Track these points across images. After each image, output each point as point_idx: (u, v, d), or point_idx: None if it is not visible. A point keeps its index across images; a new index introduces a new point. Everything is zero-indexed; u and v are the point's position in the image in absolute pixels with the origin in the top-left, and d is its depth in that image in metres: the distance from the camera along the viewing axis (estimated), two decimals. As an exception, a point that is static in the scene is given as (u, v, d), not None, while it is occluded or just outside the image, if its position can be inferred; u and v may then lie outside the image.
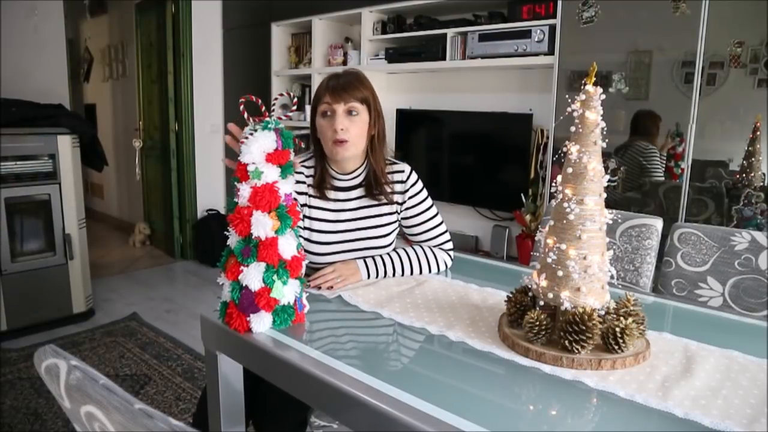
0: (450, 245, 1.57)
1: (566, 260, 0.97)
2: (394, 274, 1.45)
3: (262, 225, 1.05)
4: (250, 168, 1.06)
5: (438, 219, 1.55)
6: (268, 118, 1.08)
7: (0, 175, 2.77)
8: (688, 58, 2.27)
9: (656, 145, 2.42)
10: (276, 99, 1.23)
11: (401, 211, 1.52)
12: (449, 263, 1.54)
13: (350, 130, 1.39)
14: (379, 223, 1.50)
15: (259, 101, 1.10)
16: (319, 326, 1.17)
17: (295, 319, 1.12)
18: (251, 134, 1.06)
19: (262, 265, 1.06)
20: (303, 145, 1.41)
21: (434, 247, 1.54)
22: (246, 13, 4.46)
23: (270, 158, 1.07)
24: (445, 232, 1.56)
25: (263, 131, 1.06)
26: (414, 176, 1.53)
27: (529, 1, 2.80)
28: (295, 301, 1.12)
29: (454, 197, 3.36)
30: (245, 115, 1.11)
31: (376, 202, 1.49)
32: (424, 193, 1.53)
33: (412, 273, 1.47)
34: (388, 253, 1.48)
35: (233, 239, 1.09)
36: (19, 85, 3.25)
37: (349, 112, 1.39)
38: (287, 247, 1.09)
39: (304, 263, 1.16)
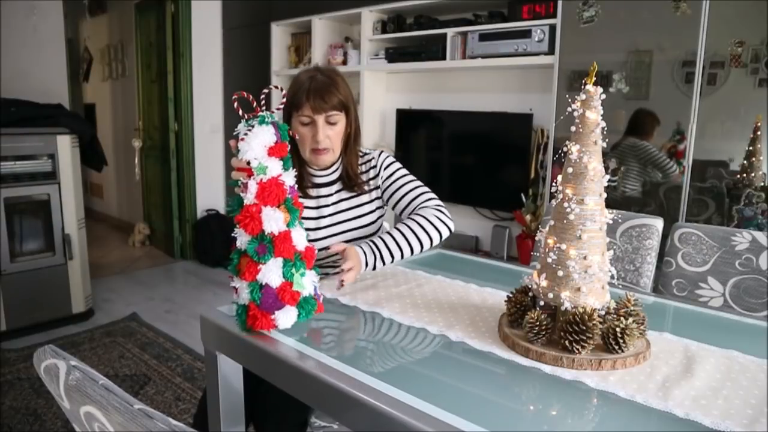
0: (438, 202, 1.48)
1: (566, 260, 0.97)
2: (399, 257, 1.38)
3: (275, 220, 1.04)
4: (254, 164, 1.05)
5: (417, 183, 1.51)
6: (263, 113, 1.08)
7: (-1, 175, 2.77)
8: (689, 57, 2.27)
9: (649, 143, 2.42)
10: (264, 93, 1.21)
11: (383, 192, 1.52)
12: (449, 223, 1.44)
13: (331, 138, 1.42)
14: (360, 213, 1.51)
15: (250, 97, 1.09)
16: (318, 326, 1.17)
17: (317, 309, 1.12)
18: (249, 130, 1.05)
19: (279, 260, 1.05)
20: (297, 137, 1.40)
21: (422, 208, 1.46)
22: (246, 13, 4.46)
23: (272, 152, 1.06)
24: (428, 192, 1.49)
25: (261, 126, 1.06)
26: (383, 155, 1.54)
27: (529, 0, 2.80)
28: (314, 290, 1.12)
29: (454, 197, 3.36)
30: (240, 112, 1.10)
31: (354, 193, 1.51)
32: (397, 164, 1.54)
33: (415, 250, 1.39)
34: (381, 238, 1.39)
35: (243, 240, 1.06)
36: (18, 85, 3.24)
37: (329, 121, 1.40)
38: (299, 238, 1.08)
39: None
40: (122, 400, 0.58)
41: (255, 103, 1.09)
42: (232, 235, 1.09)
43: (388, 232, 1.40)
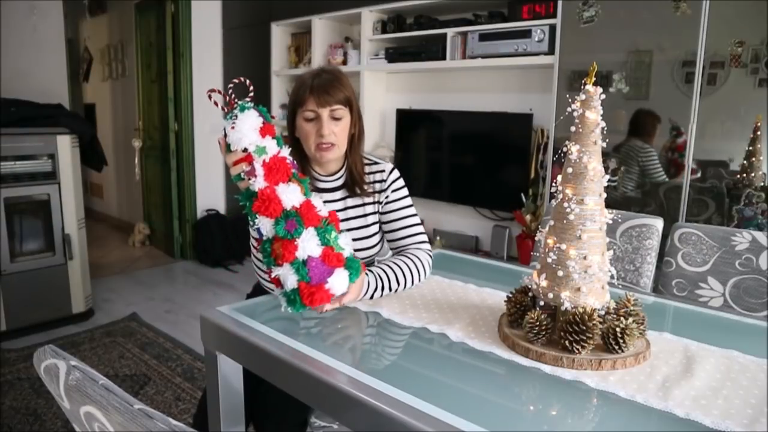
0: (428, 246, 1.47)
1: (566, 260, 0.97)
2: (393, 292, 1.34)
3: (292, 193, 1.04)
4: (252, 148, 1.05)
5: (417, 219, 1.49)
6: (240, 102, 1.08)
7: (-1, 175, 2.77)
8: (689, 57, 2.27)
9: (653, 145, 2.42)
10: (231, 86, 1.14)
11: (382, 213, 1.49)
12: (431, 264, 1.43)
13: (336, 134, 1.39)
14: (365, 223, 1.49)
15: (221, 92, 1.10)
16: (318, 326, 1.17)
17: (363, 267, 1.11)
18: (234, 121, 1.05)
19: (311, 229, 1.04)
20: (275, 118, 1.40)
21: (411, 246, 1.45)
22: (246, 13, 4.46)
23: (263, 132, 1.07)
24: (423, 233, 1.49)
25: (244, 112, 1.06)
26: (395, 174, 1.50)
27: (529, 0, 2.80)
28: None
29: (454, 197, 3.36)
30: (218, 106, 1.11)
31: (360, 201, 1.48)
32: (405, 191, 1.51)
33: (406, 288, 1.35)
34: (385, 272, 1.32)
35: (268, 225, 1.05)
36: (18, 85, 3.24)
37: (334, 117, 1.38)
38: (320, 204, 1.09)
39: None
40: (122, 400, 0.58)
41: (227, 98, 1.10)
42: (255, 228, 1.08)
43: (390, 267, 1.31)
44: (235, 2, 4.43)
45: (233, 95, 1.10)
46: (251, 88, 1.12)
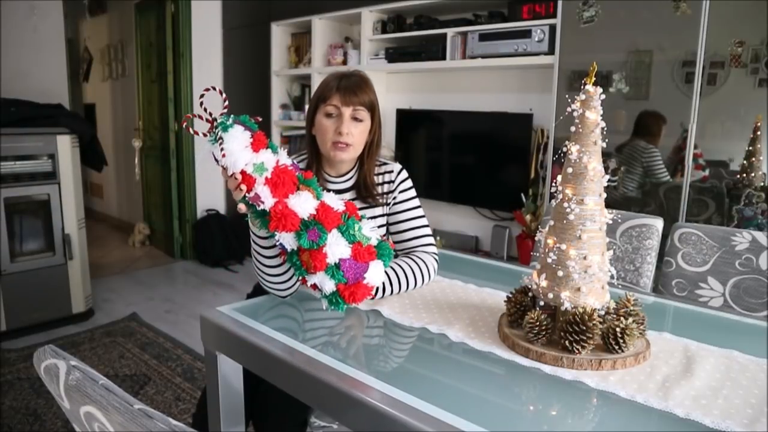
0: (435, 249, 1.46)
1: (566, 260, 0.97)
2: (396, 291, 1.32)
3: (305, 201, 1.01)
4: (249, 169, 1.00)
5: (424, 221, 1.48)
6: (219, 121, 1.02)
7: (-1, 175, 2.77)
8: (689, 57, 2.27)
9: (658, 145, 2.42)
10: (202, 96, 1.07)
11: (389, 214, 1.48)
12: (436, 268, 1.41)
13: (353, 135, 1.38)
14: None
15: (196, 115, 1.03)
16: (318, 326, 1.17)
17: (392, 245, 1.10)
18: (221, 144, 0.99)
19: (335, 231, 1.01)
20: (260, 119, 1.21)
21: (418, 249, 1.44)
22: (246, 13, 4.46)
23: (256, 146, 1.01)
24: (430, 235, 1.48)
25: (228, 132, 1.00)
26: (403, 175, 1.50)
27: (529, 0, 2.80)
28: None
29: (454, 197, 3.36)
30: (199, 134, 1.04)
31: (368, 204, 1.47)
32: (413, 192, 1.50)
33: (410, 290, 1.35)
34: (395, 270, 1.31)
35: (290, 240, 1.02)
36: (18, 85, 3.24)
37: (356, 117, 1.37)
38: (334, 202, 1.05)
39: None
40: (122, 400, 0.58)
41: (205, 119, 1.03)
42: (278, 244, 1.05)
43: (393, 269, 1.29)
44: (235, 2, 4.43)
45: (211, 114, 1.03)
46: (224, 96, 1.04)
